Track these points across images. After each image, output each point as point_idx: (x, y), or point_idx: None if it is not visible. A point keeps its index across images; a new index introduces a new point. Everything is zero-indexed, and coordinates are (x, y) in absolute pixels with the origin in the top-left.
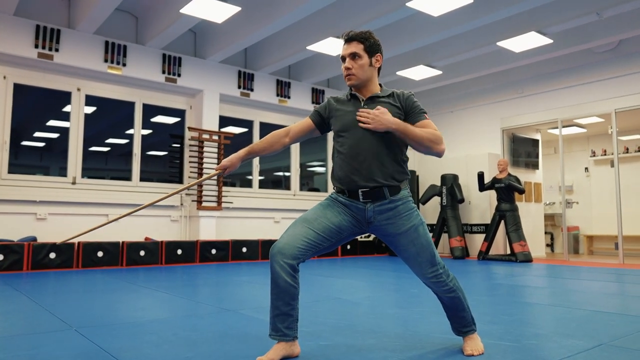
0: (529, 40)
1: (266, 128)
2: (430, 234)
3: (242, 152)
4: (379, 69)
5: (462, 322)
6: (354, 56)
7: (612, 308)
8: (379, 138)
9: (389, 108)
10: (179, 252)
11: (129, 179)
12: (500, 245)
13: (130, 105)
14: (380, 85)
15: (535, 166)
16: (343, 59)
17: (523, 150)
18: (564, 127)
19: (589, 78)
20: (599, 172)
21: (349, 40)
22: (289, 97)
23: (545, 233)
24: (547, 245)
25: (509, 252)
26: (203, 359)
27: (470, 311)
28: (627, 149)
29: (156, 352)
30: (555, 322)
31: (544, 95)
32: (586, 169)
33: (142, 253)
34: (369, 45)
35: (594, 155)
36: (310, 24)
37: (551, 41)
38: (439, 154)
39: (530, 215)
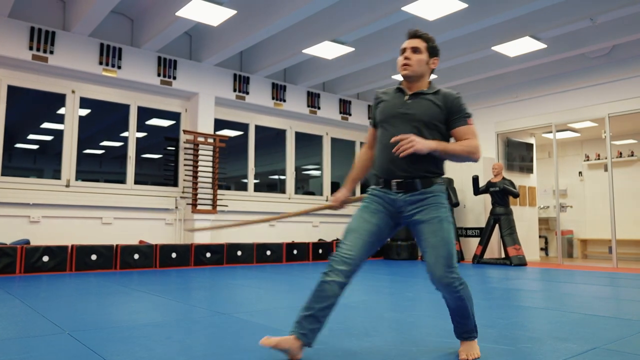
0: (523, 45)
1: (261, 131)
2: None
3: (346, 186)
4: (432, 71)
5: (464, 328)
6: (415, 50)
7: (606, 312)
8: (419, 127)
9: (429, 105)
10: (174, 255)
11: (123, 181)
12: (494, 248)
13: (125, 107)
14: (429, 83)
15: (529, 170)
16: (403, 50)
17: (517, 154)
18: (558, 131)
19: (582, 83)
20: (593, 176)
21: (414, 36)
22: (284, 101)
23: (540, 237)
24: (542, 249)
25: (503, 255)
26: None
27: (474, 319)
28: (621, 153)
29: (149, 355)
30: (550, 326)
31: (538, 99)
32: (580, 173)
33: (136, 256)
34: (430, 46)
35: (588, 160)
36: (306, 27)
37: (545, 46)
38: (476, 161)
39: (525, 219)
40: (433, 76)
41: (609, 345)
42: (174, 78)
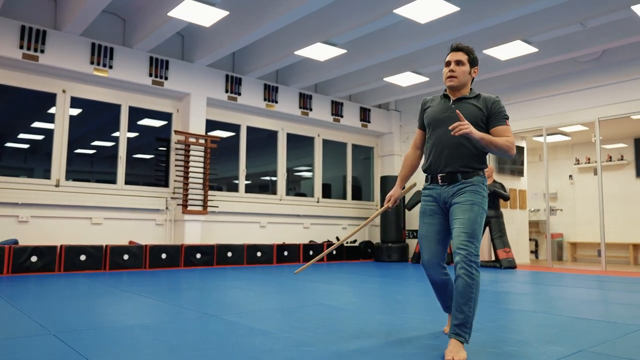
0: (514, 49)
1: (253, 132)
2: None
3: (398, 184)
4: (473, 80)
5: (461, 320)
6: (458, 62)
7: (593, 315)
8: (459, 136)
9: (471, 108)
10: (164, 256)
11: (114, 182)
12: (484, 251)
13: (117, 107)
14: (470, 89)
15: (520, 173)
16: (448, 63)
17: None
18: (548, 135)
19: (573, 87)
20: (583, 180)
21: (457, 49)
22: (276, 102)
23: (530, 240)
24: (532, 251)
25: (493, 258)
26: None
27: (473, 318)
28: (611, 157)
29: (135, 357)
30: (537, 329)
31: (529, 103)
32: (570, 176)
33: (125, 257)
34: (472, 58)
35: (578, 163)
36: (298, 29)
37: (536, 50)
38: (512, 157)
39: (515, 222)
40: (425, 79)
41: (594, 348)
42: (166, 78)
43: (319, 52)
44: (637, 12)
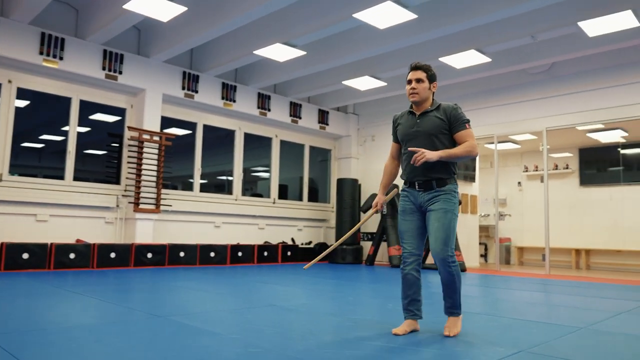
0: (469, 58)
1: (210, 131)
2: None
3: (381, 191)
4: (433, 93)
5: (451, 303)
6: (418, 80)
7: (535, 316)
8: (430, 140)
9: (434, 120)
10: (113, 255)
11: (62, 177)
12: None
13: (67, 100)
14: (433, 100)
15: (472, 179)
16: (410, 81)
17: (461, 163)
18: (499, 142)
19: (523, 97)
20: (531, 187)
21: (416, 68)
22: (234, 101)
23: (480, 244)
24: (481, 255)
25: None
26: None
27: (460, 298)
28: (557, 165)
29: (73, 359)
30: (482, 330)
31: (482, 111)
32: (519, 183)
33: (72, 256)
34: (430, 75)
35: (527, 171)
36: (258, 28)
37: (490, 60)
38: (475, 157)
39: (466, 226)
40: (382, 84)
41: (533, 348)
42: (120, 73)
43: (279, 52)
44: (584, 28)
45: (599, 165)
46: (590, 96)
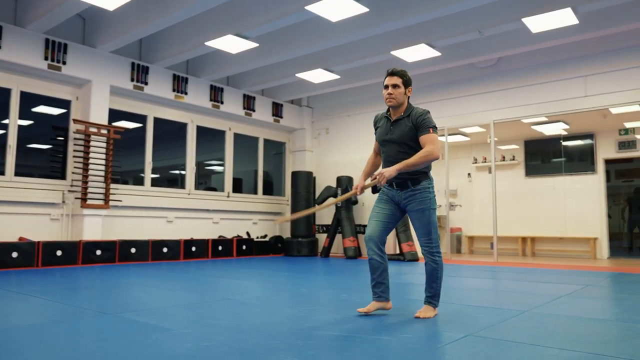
0: (419, 52)
1: (161, 124)
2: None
3: (362, 178)
4: (409, 97)
5: (431, 292)
6: (395, 86)
7: (483, 302)
8: (401, 147)
9: (404, 128)
10: (59, 253)
11: (2, 173)
12: (390, 245)
13: (6, 92)
14: (408, 104)
15: None
16: (386, 87)
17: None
18: (450, 135)
19: (472, 91)
20: (480, 178)
21: (392, 74)
22: (186, 93)
23: None
24: None
25: (398, 251)
26: None
27: (440, 289)
28: (504, 157)
29: None
30: (432, 317)
31: (432, 104)
32: (469, 174)
33: (14, 254)
34: (405, 80)
35: (476, 162)
36: (209, 19)
37: (439, 54)
38: (435, 160)
39: None
40: (336, 77)
41: (480, 332)
42: (64, 63)
43: (231, 44)
44: (528, 24)
45: (543, 156)
46: (534, 90)
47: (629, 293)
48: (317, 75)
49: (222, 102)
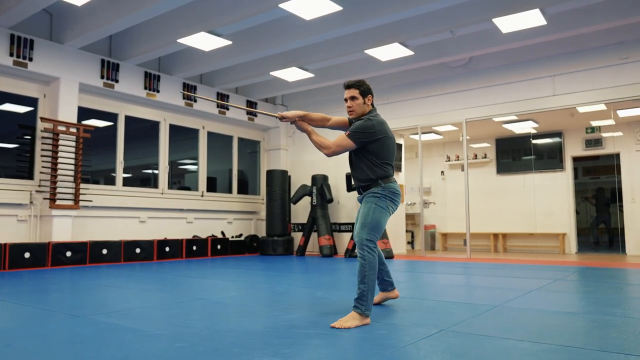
0: (393, 51)
1: (133, 122)
2: (378, 217)
3: (300, 112)
4: (372, 104)
5: (357, 294)
6: (352, 98)
7: (456, 298)
8: (355, 157)
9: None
10: (27, 255)
11: None
12: None
13: None
14: (370, 112)
15: (398, 169)
16: (345, 100)
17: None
18: (423, 133)
19: (444, 89)
20: (453, 176)
21: (348, 87)
22: (158, 91)
23: (407, 231)
24: (408, 242)
25: None
26: None
27: (368, 293)
28: (476, 155)
29: None
30: (407, 313)
31: (406, 103)
32: (442, 172)
33: None
34: (362, 90)
35: (449, 160)
36: (181, 16)
37: (412, 53)
38: (325, 155)
39: (394, 215)
40: (310, 75)
41: (453, 327)
42: (30, 59)
43: (203, 41)
44: (498, 24)
45: (513, 154)
46: (504, 89)
47: (595, 286)
48: (292, 74)
49: (195, 101)
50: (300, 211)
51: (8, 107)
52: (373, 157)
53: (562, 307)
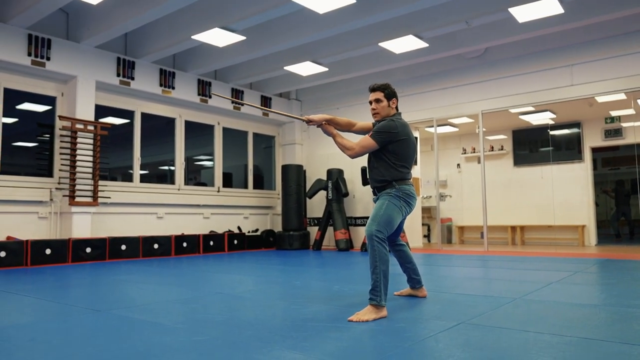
0: (407, 43)
1: (149, 119)
2: (387, 213)
3: (327, 115)
4: (396, 108)
5: (371, 285)
6: (377, 101)
7: (475, 291)
8: (373, 157)
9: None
10: (48, 251)
11: None
12: None
13: None
14: (394, 115)
15: (414, 162)
16: (370, 102)
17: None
18: (439, 126)
19: (460, 81)
20: (469, 168)
21: (373, 90)
22: (173, 88)
23: (423, 225)
24: (424, 236)
25: None
26: None
27: (381, 284)
28: (492, 147)
29: None
30: (425, 306)
31: (421, 95)
32: (458, 165)
33: (2, 254)
34: (387, 93)
35: (465, 153)
36: (195, 12)
37: (427, 45)
38: (349, 157)
39: None
40: (324, 69)
41: (472, 320)
42: (48, 59)
43: (218, 37)
44: (514, 14)
45: (530, 146)
46: (521, 80)
47: (616, 279)
48: (306, 68)
49: (210, 97)
50: (316, 205)
51: (27, 106)
52: (392, 157)
53: (583, 300)
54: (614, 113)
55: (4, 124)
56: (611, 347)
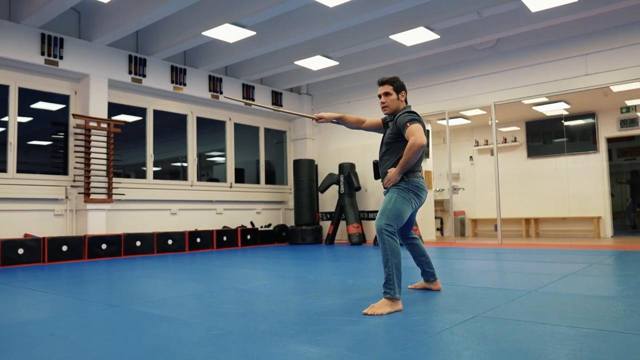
0: (418, 35)
1: (161, 116)
2: (396, 206)
3: (337, 113)
4: (405, 100)
5: (384, 278)
6: (386, 94)
7: (489, 283)
8: (386, 151)
9: (388, 133)
10: (65, 248)
11: (4, 170)
12: None
13: (4, 89)
14: (405, 107)
15: (426, 155)
16: (380, 96)
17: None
18: (450, 118)
19: (471, 73)
20: (482, 161)
21: (382, 83)
22: (184, 84)
23: (435, 218)
24: (437, 229)
25: None
26: (78, 359)
27: (394, 277)
28: (505, 139)
29: (26, 355)
30: (440, 299)
31: (432, 88)
32: (471, 157)
33: (20, 251)
34: (396, 87)
35: (478, 145)
36: (205, 8)
37: (438, 37)
38: (422, 148)
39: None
40: (334, 63)
41: (487, 312)
42: (61, 58)
43: (228, 33)
44: (527, 3)
45: (544, 137)
46: (534, 70)
47: (633, 270)
48: (316, 62)
49: (221, 92)
50: (328, 200)
51: (41, 105)
52: (404, 149)
53: (599, 292)
54: (629, 102)
55: (19, 123)
56: (630, 339)
